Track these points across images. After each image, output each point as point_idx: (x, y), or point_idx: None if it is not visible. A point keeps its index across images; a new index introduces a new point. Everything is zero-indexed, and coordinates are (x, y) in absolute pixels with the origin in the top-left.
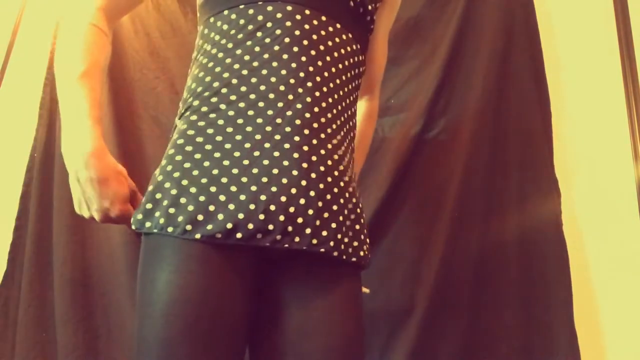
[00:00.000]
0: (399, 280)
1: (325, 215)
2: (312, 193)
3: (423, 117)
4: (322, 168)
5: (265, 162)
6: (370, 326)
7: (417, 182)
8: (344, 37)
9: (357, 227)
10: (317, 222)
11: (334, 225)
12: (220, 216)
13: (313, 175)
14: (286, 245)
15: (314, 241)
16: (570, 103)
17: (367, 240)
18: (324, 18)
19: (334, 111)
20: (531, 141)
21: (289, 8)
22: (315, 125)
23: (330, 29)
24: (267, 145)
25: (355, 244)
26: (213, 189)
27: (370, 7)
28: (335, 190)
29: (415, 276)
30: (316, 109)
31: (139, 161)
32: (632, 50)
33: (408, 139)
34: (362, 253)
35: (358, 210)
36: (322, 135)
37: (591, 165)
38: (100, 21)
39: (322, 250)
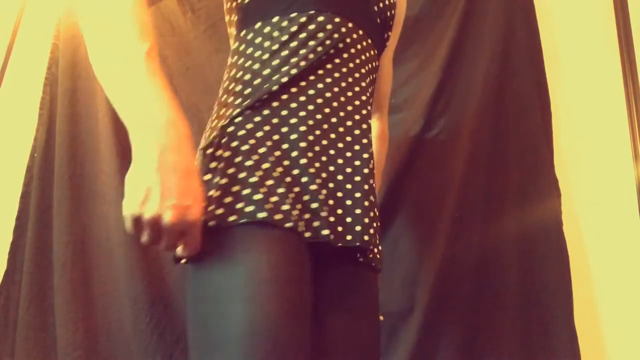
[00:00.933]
0: (399, 280)
1: (368, 216)
2: (357, 194)
3: (423, 117)
4: (361, 165)
5: (324, 158)
6: None
7: (417, 182)
8: (372, 52)
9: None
10: (366, 221)
11: (368, 222)
12: (307, 215)
13: (358, 179)
14: (341, 243)
15: (366, 238)
16: (570, 103)
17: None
18: (361, 32)
19: (362, 117)
20: (531, 141)
21: (337, 20)
22: (350, 123)
23: (365, 43)
24: (324, 142)
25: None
26: (297, 189)
27: (389, 24)
28: (366, 191)
29: (415, 276)
30: (357, 117)
31: None
32: (632, 50)
33: (408, 138)
34: (371, 255)
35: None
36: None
37: (591, 165)
38: (145, 4)
39: (372, 249)
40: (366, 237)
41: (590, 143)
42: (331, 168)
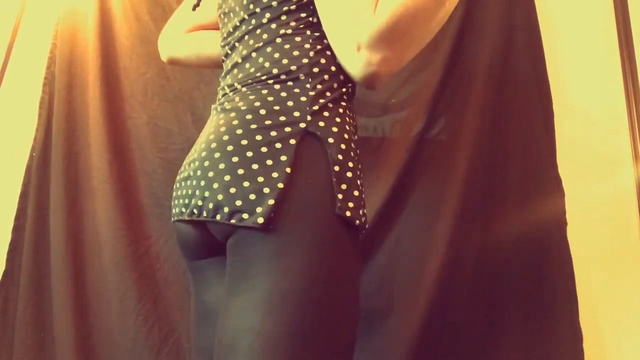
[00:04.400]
0: (400, 280)
1: None
2: None
3: (424, 117)
4: None
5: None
6: (371, 325)
7: (418, 182)
8: None
9: None
10: None
11: None
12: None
13: None
14: None
15: None
16: (570, 103)
17: None
18: None
19: None
20: (533, 140)
21: None
22: None
23: None
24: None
25: None
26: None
27: None
28: None
29: (417, 276)
30: None
31: (126, 148)
32: (632, 50)
33: (409, 138)
34: None
35: None
36: None
37: (591, 166)
38: None
39: None
40: None
41: (590, 143)
42: None
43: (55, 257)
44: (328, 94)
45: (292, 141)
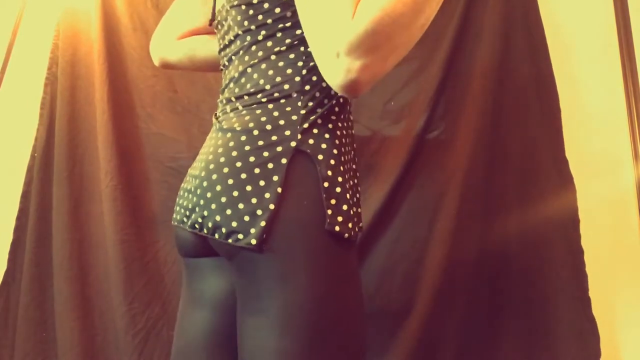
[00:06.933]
0: (399, 280)
1: None
2: None
3: (423, 118)
4: None
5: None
6: (370, 326)
7: (418, 183)
8: None
9: None
10: None
11: None
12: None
13: None
14: None
15: None
16: (570, 103)
17: None
18: None
19: None
20: (535, 139)
21: None
22: None
23: None
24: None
25: None
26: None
27: None
28: None
29: (416, 276)
30: None
31: (135, 155)
32: (632, 50)
33: (409, 139)
34: None
35: None
36: None
37: (591, 166)
38: None
39: None
40: None
41: (590, 143)
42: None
43: (57, 257)
44: (318, 110)
45: (284, 160)
